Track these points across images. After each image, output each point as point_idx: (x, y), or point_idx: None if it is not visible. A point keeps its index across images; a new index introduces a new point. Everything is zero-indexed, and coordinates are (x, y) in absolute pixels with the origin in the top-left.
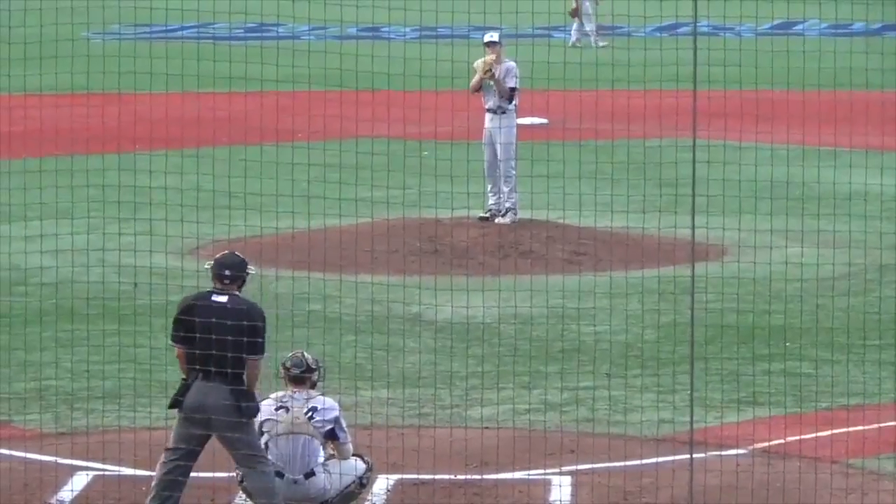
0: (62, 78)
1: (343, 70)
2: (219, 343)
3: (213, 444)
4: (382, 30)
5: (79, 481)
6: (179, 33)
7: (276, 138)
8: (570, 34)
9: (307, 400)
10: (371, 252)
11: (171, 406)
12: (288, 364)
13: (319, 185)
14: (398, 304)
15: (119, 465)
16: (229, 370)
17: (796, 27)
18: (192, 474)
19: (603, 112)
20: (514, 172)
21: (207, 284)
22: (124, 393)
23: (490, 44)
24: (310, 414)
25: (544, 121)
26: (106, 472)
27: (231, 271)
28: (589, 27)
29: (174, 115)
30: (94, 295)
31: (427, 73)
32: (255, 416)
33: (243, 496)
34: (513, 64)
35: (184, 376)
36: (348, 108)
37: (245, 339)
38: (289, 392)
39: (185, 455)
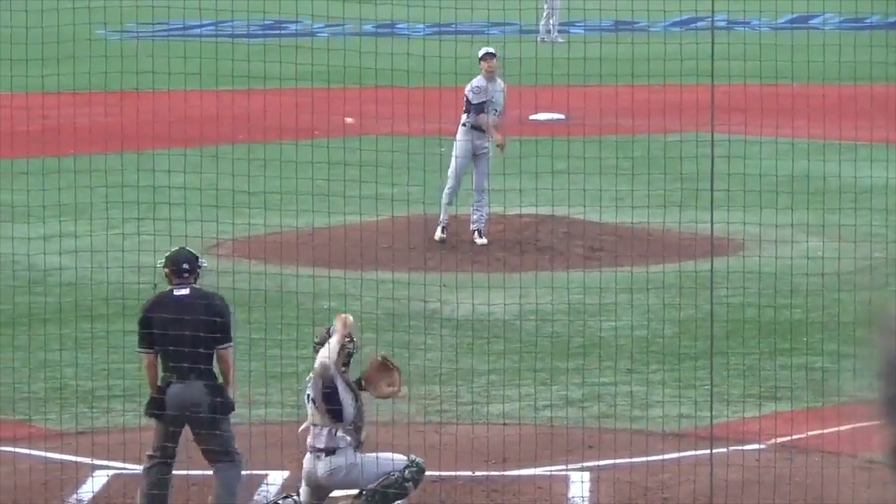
0: (80, 77)
1: (362, 68)
2: (191, 337)
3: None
4: (399, 26)
5: (98, 480)
6: (197, 31)
7: (295, 136)
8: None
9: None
10: (390, 249)
11: (152, 415)
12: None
13: (338, 183)
14: (417, 301)
15: (138, 463)
16: (203, 366)
17: (813, 21)
18: (181, 472)
19: (622, 107)
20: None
21: (226, 282)
22: (144, 392)
23: (488, 56)
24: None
25: (561, 116)
26: (125, 471)
27: (189, 265)
28: (553, 21)
29: (192, 114)
30: (112, 294)
31: (446, 70)
32: (231, 412)
33: (265, 491)
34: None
35: (157, 385)
36: (367, 106)
37: (217, 330)
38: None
39: (168, 453)
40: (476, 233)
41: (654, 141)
